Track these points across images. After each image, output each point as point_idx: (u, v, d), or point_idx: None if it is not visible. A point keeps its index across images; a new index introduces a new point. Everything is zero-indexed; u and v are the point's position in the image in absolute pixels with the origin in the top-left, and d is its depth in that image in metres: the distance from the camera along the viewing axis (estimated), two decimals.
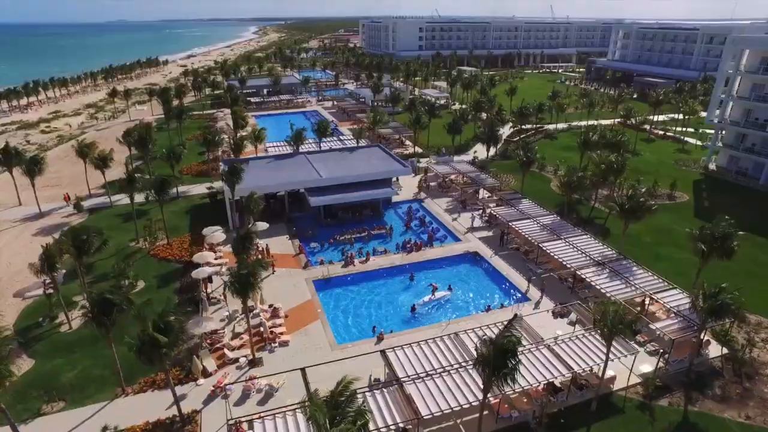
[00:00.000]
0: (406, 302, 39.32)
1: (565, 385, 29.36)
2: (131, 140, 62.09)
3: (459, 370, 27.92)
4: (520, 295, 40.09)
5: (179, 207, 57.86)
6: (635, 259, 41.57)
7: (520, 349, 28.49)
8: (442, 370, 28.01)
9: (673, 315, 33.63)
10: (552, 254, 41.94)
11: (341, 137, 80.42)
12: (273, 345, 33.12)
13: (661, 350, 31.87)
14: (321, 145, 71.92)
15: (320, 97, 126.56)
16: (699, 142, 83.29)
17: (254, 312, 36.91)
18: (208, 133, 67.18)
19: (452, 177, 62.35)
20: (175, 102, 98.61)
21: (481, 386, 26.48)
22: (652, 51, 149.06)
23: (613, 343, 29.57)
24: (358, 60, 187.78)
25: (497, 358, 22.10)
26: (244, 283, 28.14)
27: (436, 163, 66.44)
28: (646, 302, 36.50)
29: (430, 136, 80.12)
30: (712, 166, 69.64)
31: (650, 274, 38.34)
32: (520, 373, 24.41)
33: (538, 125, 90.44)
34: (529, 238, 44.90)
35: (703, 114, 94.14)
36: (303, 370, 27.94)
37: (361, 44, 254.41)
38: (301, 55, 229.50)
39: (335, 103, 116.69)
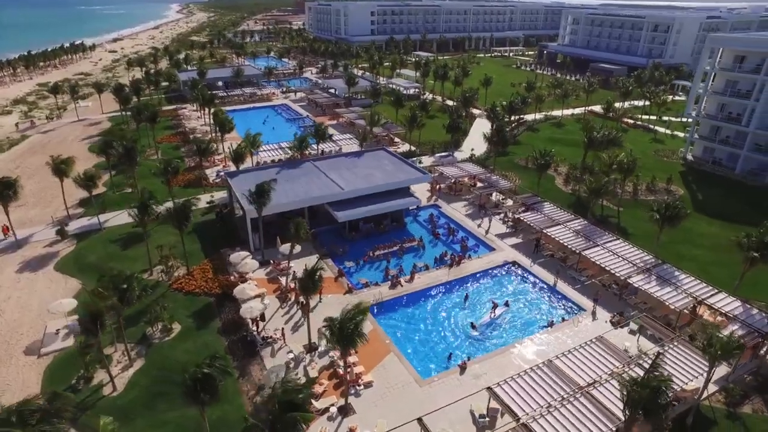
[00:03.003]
0: (465, 322, 38.73)
1: None
2: (115, 152, 55.41)
3: (572, 401, 27.92)
4: (572, 305, 40.80)
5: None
6: (661, 259, 43.48)
7: (616, 370, 29.13)
8: (554, 402, 27.88)
9: (731, 321, 35.58)
10: (596, 262, 42.92)
11: (331, 137, 77.08)
12: (358, 387, 31.28)
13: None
14: (317, 147, 68.60)
15: (284, 89, 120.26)
16: (668, 131, 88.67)
17: (320, 350, 34.78)
18: (198, 141, 61.53)
19: (464, 179, 61.78)
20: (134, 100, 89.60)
21: (599, 415, 26.84)
22: (601, 37, 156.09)
23: (695, 354, 31.07)
24: (312, 46, 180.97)
25: (651, 400, 22.12)
26: (350, 336, 25.93)
27: (441, 165, 65.56)
28: (697, 307, 38.39)
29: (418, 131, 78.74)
30: (689, 157, 74.50)
31: (693, 278, 40.29)
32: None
33: (519, 117, 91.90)
34: (568, 246, 45.62)
35: (670, 98, 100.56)
36: (420, 420, 26.54)
37: (308, 28, 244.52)
38: (246, 39, 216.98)
39: (305, 95, 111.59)
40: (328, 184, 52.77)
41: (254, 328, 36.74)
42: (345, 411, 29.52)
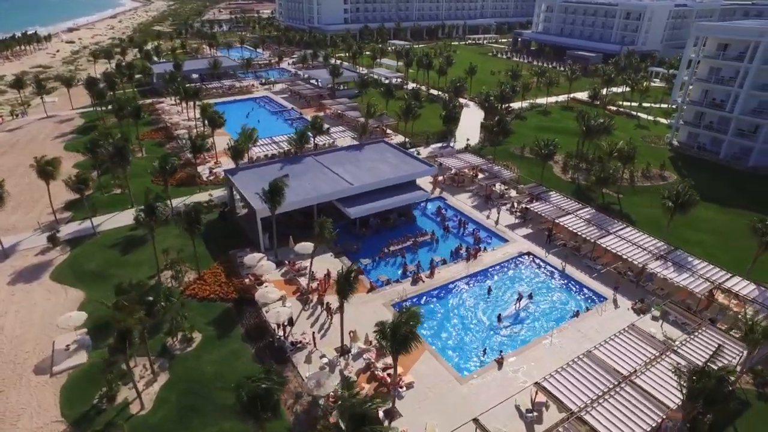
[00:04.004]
0: (492, 315, 38.67)
1: None
2: (104, 152, 52.16)
3: (618, 391, 28.23)
4: (592, 294, 41.33)
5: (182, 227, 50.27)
6: (673, 245, 44.51)
7: (654, 357, 29.58)
8: (603, 393, 28.11)
9: (749, 304, 36.75)
10: (612, 250, 43.51)
11: (328, 129, 75.19)
12: (400, 390, 30.65)
13: None
14: (313, 141, 66.78)
15: (263, 81, 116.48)
16: (650, 117, 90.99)
17: (354, 352, 33.94)
18: (191, 137, 58.70)
19: (465, 170, 61.53)
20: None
21: (648, 404, 27.24)
22: (575, 24, 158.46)
23: (724, 338, 32.00)
24: (286, 35, 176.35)
25: (715, 390, 22.47)
26: (402, 340, 25.17)
27: (441, 156, 65.09)
28: (714, 292, 39.51)
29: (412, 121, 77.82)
30: (675, 142, 76.73)
31: (707, 263, 41.44)
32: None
33: (507, 106, 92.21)
34: (581, 235, 46.10)
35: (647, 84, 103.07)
36: (476, 420, 26.23)
37: (278, 16, 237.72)
38: (214, 28, 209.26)
39: (286, 86, 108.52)
40: (335, 179, 51.41)
41: (281, 333, 35.47)
42: (391, 415, 28.88)
